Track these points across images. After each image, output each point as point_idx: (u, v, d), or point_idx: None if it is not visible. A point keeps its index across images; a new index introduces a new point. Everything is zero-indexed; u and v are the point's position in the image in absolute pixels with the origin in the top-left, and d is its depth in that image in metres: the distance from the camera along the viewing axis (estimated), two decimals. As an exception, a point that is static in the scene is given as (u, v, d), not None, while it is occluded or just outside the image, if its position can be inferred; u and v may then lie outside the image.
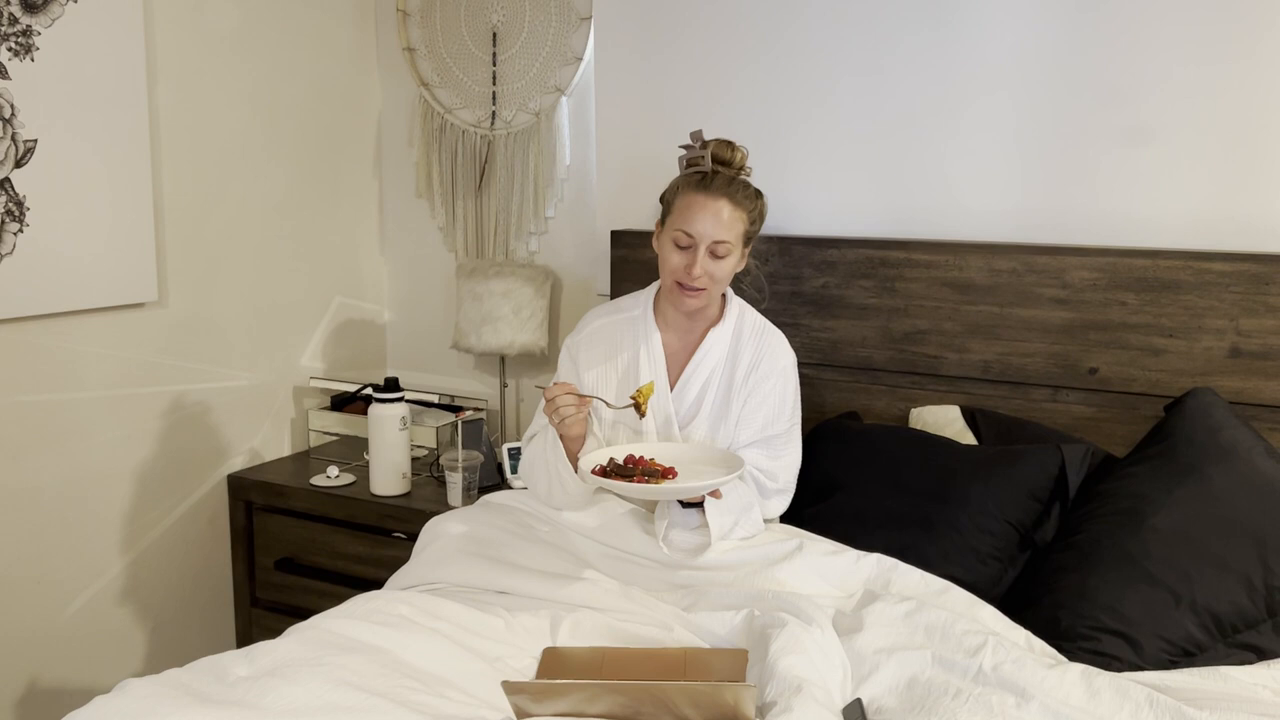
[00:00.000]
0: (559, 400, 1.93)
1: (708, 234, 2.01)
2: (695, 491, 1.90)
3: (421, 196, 3.18)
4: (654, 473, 1.90)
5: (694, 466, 1.97)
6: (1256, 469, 1.96)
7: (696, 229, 2.02)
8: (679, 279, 2.05)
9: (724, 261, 2.04)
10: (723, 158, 2.06)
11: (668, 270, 2.08)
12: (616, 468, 1.93)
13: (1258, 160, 2.21)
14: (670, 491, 1.89)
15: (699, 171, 2.06)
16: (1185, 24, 2.22)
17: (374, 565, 2.63)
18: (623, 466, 1.93)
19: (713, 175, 2.04)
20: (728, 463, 1.97)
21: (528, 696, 1.54)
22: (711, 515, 1.96)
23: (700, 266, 2.02)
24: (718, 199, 2.02)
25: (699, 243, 2.02)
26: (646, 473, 1.90)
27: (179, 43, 2.65)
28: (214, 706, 1.47)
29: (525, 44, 2.96)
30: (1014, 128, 2.39)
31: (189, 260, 2.73)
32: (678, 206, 2.06)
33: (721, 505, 1.97)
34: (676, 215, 2.05)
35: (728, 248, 2.03)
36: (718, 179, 2.04)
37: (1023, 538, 2.09)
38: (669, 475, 1.91)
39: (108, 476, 2.60)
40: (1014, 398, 2.37)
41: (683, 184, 2.08)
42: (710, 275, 2.04)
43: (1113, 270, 2.26)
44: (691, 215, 2.03)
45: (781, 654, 1.63)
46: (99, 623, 2.62)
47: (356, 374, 3.20)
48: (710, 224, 2.01)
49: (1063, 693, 1.62)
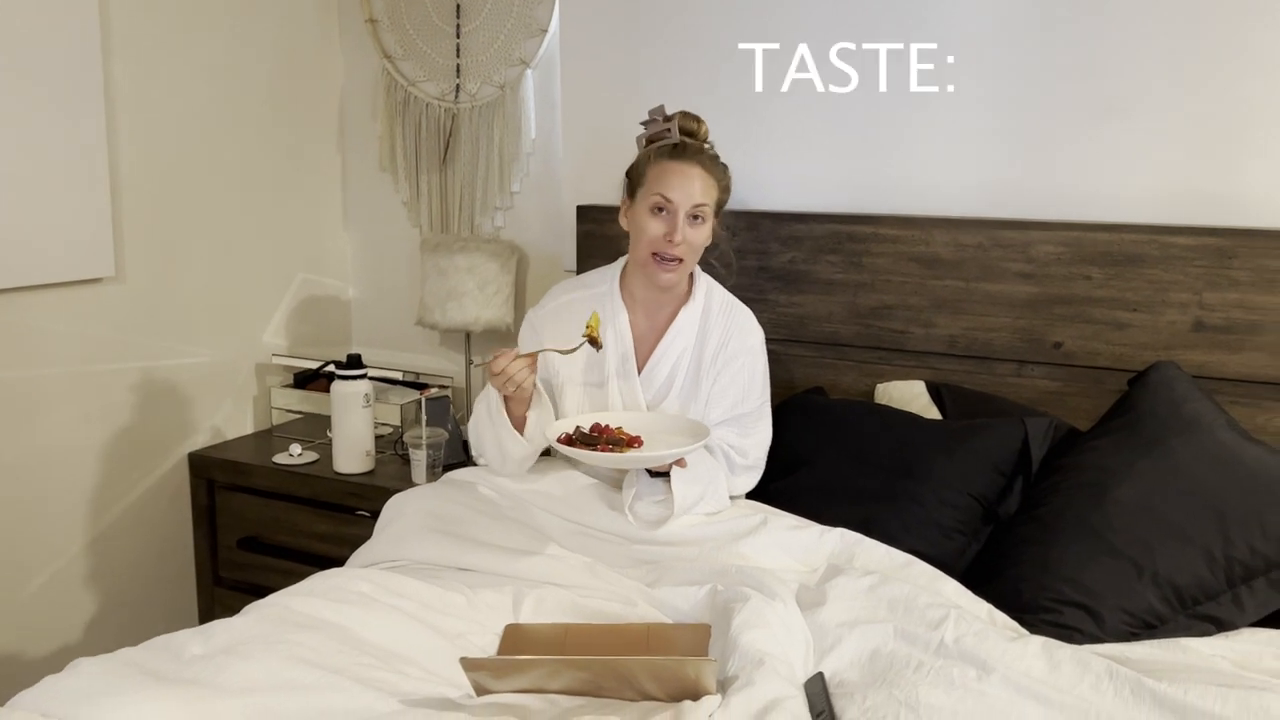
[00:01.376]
0: (511, 368, 1.91)
1: (689, 197, 2.02)
2: (660, 460, 1.89)
3: (385, 171, 3.14)
4: (619, 441, 1.89)
5: (661, 436, 1.96)
6: (1219, 442, 1.97)
7: (675, 194, 2.02)
8: (657, 248, 2.04)
9: (702, 228, 2.05)
10: (689, 129, 2.09)
11: (645, 241, 2.06)
12: (583, 436, 1.91)
13: (1222, 135, 2.21)
14: (635, 460, 1.88)
15: (669, 142, 2.06)
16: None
17: (338, 543, 2.61)
18: (589, 435, 1.91)
19: (684, 145, 2.06)
20: (695, 432, 1.96)
21: (487, 673, 1.53)
22: (676, 485, 1.95)
23: (681, 232, 2.02)
24: (692, 165, 2.04)
25: (679, 207, 2.02)
26: (612, 441, 1.89)
27: (135, 14, 2.59)
28: (168, 685, 1.45)
29: (489, 16, 2.92)
30: (981, 103, 2.38)
31: (148, 235, 2.68)
32: (651, 175, 2.05)
33: (687, 475, 1.96)
34: (651, 183, 2.04)
35: (706, 211, 2.05)
36: (689, 148, 2.06)
37: (986, 511, 2.09)
38: (635, 444, 1.90)
39: (67, 455, 2.56)
40: (979, 372, 2.37)
41: (654, 154, 2.07)
42: (689, 242, 2.04)
43: (1077, 244, 2.26)
44: (669, 181, 2.03)
45: (744, 628, 1.62)
46: (59, 603, 2.58)
47: (320, 351, 3.17)
48: (690, 186, 2.02)
49: (1024, 665, 1.62)
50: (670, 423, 2.03)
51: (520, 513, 2.07)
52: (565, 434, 1.93)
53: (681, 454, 1.91)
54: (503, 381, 1.92)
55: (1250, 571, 1.85)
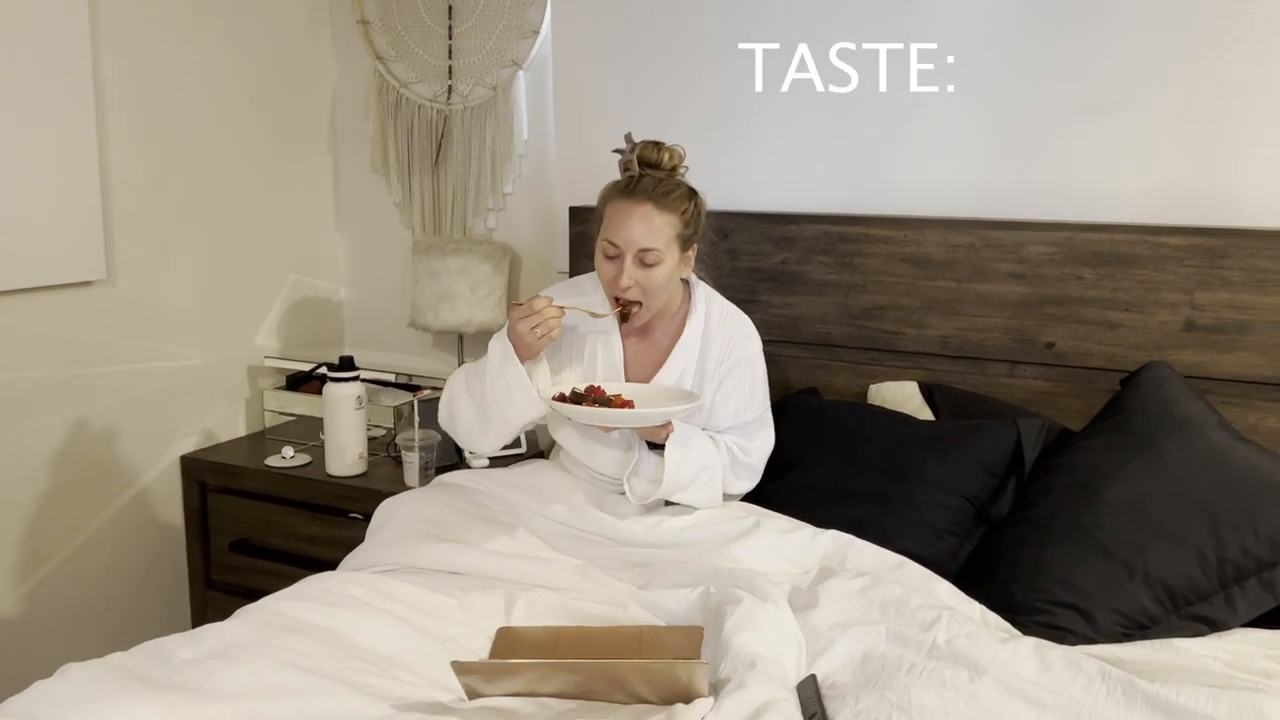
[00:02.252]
0: (546, 311, 1.89)
1: (634, 241, 1.95)
2: (647, 421, 1.89)
3: (377, 172, 3.13)
4: (608, 403, 1.89)
5: (655, 403, 1.96)
6: (1210, 442, 1.97)
7: (621, 237, 1.96)
8: (611, 291, 2.01)
9: (655, 270, 1.97)
10: (649, 160, 2.00)
11: (603, 282, 2.03)
12: (575, 395, 1.91)
13: (1213, 134, 2.21)
14: (623, 418, 1.88)
15: (627, 175, 2.00)
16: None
17: (330, 546, 2.60)
18: (582, 394, 1.91)
19: (639, 179, 1.98)
20: (686, 399, 1.96)
21: (479, 677, 1.52)
22: (670, 454, 1.95)
23: (628, 276, 1.96)
24: (642, 204, 1.95)
25: (625, 251, 1.96)
26: (601, 401, 1.89)
27: (125, 13, 2.58)
28: (157, 690, 1.44)
29: (481, 17, 2.91)
30: (971, 103, 2.38)
31: (138, 237, 2.67)
32: (606, 215, 2.00)
33: (685, 454, 1.96)
34: (605, 224, 2.00)
35: (657, 255, 1.96)
36: (643, 182, 1.97)
37: (979, 512, 2.09)
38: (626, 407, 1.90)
39: (58, 458, 2.55)
40: (971, 373, 2.37)
41: (610, 191, 2.02)
42: (640, 285, 1.97)
43: (1069, 245, 2.26)
44: (616, 223, 1.96)
45: (736, 630, 1.62)
46: (50, 607, 2.57)
47: (312, 353, 3.16)
48: (635, 230, 1.95)
49: (1015, 666, 1.62)
50: (665, 392, 2.01)
51: (511, 515, 2.06)
52: (560, 393, 1.93)
53: (669, 414, 1.89)
54: (536, 323, 1.88)
55: (1242, 572, 1.85)
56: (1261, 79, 2.16)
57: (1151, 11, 2.22)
